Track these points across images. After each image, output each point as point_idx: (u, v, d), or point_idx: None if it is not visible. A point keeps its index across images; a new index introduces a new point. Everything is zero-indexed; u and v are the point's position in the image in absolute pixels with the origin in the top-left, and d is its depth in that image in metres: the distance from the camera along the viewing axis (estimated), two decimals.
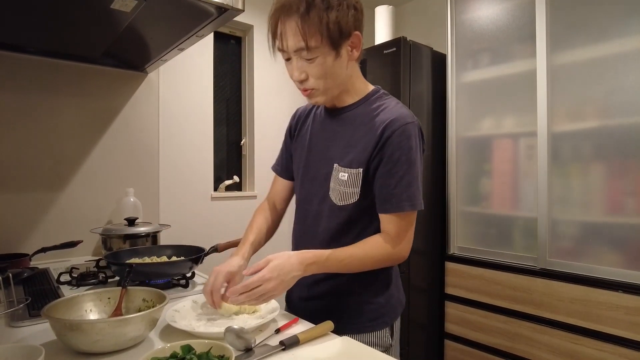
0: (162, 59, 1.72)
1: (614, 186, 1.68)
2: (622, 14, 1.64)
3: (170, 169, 2.11)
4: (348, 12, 0.88)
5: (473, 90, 2.16)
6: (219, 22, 1.28)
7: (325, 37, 0.87)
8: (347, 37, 0.91)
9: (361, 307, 1.01)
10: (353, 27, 0.91)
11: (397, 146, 0.92)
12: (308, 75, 0.93)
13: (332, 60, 0.91)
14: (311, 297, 1.07)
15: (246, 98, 2.57)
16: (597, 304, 1.68)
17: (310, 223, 1.07)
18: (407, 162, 0.93)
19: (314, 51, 0.88)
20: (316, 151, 1.06)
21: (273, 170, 1.24)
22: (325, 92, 0.96)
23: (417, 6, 3.01)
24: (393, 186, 0.93)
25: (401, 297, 1.09)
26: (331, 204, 1.00)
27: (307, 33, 0.86)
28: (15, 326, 0.93)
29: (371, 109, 0.99)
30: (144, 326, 0.80)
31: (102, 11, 1.17)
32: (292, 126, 1.18)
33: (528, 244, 1.93)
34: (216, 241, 1.46)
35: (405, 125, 0.94)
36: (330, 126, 1.05)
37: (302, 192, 1.11)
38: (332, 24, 0.86)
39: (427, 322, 2.34)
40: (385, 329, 1.02)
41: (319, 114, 1.10)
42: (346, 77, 0.97)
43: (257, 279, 0.84)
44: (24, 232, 1.65)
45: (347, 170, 0.97)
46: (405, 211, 0.94)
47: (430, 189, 2.33)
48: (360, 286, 1.02)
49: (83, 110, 1.79)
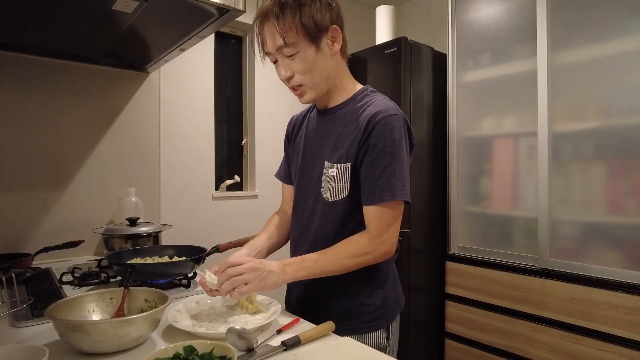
0: (164, 59, 1.72)
1: (614, 186, 1.68)
2: (622, 14, 1.64)
3: (172, 168, 2.12)
4: (322, 7, 0.94)
5: (474, 89, 2.17)
6: (220, 22, 1.29)
7: (300, 32, 0.93)
8: (325, 31, 0.96)
9: (357, 309, 1.02)
10: (329, 22, 0.96)
11: (380, 137, 0.94)
12: (293, 72, 0.98)
13: (314, 54, 0.95)
14: (308, 299, 1.08)
15: (247, 97, 2.57)
16: (597, 303, 1.68)
17: (305, 223, 1.09)
18: (390, 152, 0.94)
19: (293, 46, 0.94)
20: (310, 152, 1.09)
21: (277, 178, 1.27)
22: (313, 87, 0.99)
23: (418, 6, 3.01)
24: (376, 177, 0.94)
25: (399, 298, 1.09)
26: (323, 202, 1.02)
27: (283, 30, 0.93)
28: (19, 326, 0.94)
29: (359, 105, 1.02)
30: (147, 327, 0.80)
31: (104, 12, 1.17)
32: (289, 133, 1.22)
33: (528, 243, 1.94)
34: (217, 241, 1.47)
35: (389, 117, 0.95)
36: (322, 126, 1.08)
37: (298, 193, 1.13)
38: (305, 19, 0.92)
39: (428, 321, 2.35)
40: (380, 331, 1.02)
41: (312, 117, 1.13)
42: (332, 71, 1.01)
43: (238, 270, 0.88)
44: (26, 232, 1.66)
45: (336, 166, 1.00)
46: (385, 201, 0.93)
47: (430, 189, 2.33)
48: (355, 288, 1.02)
49: (84, 110, 1.79)
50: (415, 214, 2.23)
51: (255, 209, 2.42)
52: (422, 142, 2.29)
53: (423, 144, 2.30)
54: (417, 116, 2.26)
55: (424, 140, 2.31)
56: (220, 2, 1.16)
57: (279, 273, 0.91)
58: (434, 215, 2.36)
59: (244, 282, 0.88)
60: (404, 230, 2.16)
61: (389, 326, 1.04)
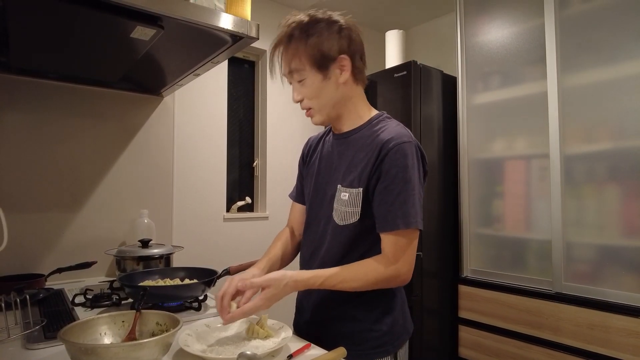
0: (178, 84, 1.76)
1: (629, 208, 1.66)
2: (632, 36, 1.65)
3: (184, 190, 2.14)
4: (330, 37, 0.98)
5: (484, 112, 2.17)
6: (234, 49, 1.32)
7: (306, 60, 0.98)
8: (333, 60, 0.99)
9: (364, 334, 1.02)
10: (338, 51, 0.99)
11: (393, 163, 0.95)
12: (303, 96, 1.03)
13: (320, 81, 1.00)
14: (315, 322, 1.08)
15: (259, 120, 2.61)
16: (616, 330, 1.64)
17: (315, 245, 1.10)
18: (403, 179, 0.95)
19: (300, 73, 1.00)
20: (323, 174, 1.11)
21: (290, 197, 1.29)
22: (320, 111, 1.04)
23: (427, 30, 3.06)
24: (390, 203, 0.95)
25: (407, 324, 1.08)
26: (334, 224, 1.04)
27: (290, 57, 1.00)
28: (31, 348, 0.94)
29: (372, 131, 1.04)
30: (158, 350, 0.80)
31: (122, 40, 1.21)
32: (305, 154, 1.24)
33: (542, 267, 1.90)
34: (228, 262, 1.47)
35: (402, 144, 0.96)
36: (336, 150, 1.10)
37: (310, 215, 1.14)
38: (311, 49, 0.97)
39: (441, 346, 2.30)
40: (387, 358, 1.01)
41: (328, 140, 1.15)
42: (341, 98, 1.04)
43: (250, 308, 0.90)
44: (40, 253, 1.68)
45: (348, 190, 1.01)
46: (399, 229, 0.94)
47: (442, 211, 2.31)
48: (363, 312, 1.02)
49: (99, 133, 1.83)
50: (427, 237, 2.21)
51: (266, 231, 2.42)
52: (433, 164, 2.29)
53: (434, 166, 2.30)
54: (427, 138, 2.26)
55: (435, 162, 2.30)
56: (234, 29, 1.19)
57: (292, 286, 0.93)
58: (446, 237, 2.33)
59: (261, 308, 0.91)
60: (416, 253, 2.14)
61: (396, 353, 1.03)
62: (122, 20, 1.07)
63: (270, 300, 0.91)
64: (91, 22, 1.10)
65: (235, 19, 1.20)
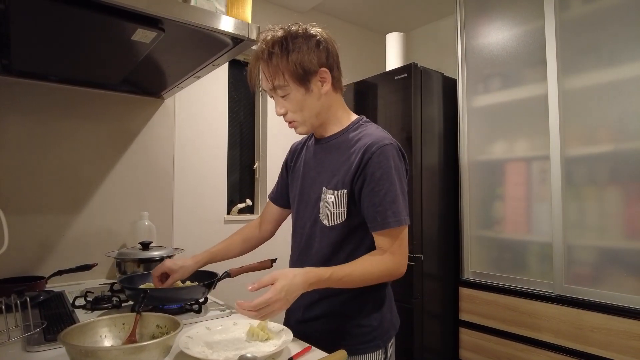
0: (179, 86, 1.76)
1: (631, 210, 1.65)
2: (632, 38, 1.65)
3: (185, 192, 2.14)
4: (309, 52, 1.00)
5: (484, 114, 2.17)
6: (235, 52, 1.32)
7: (288, 76, 1.00)
8: (314, 74, 1.02)
9: (354, 330, 1.05)
10: (317, 65, 1.02)
11: (377, 166, 0.99)
12: (286, 110, 1.06)
13: (303, 95, 1.03)
14: (306, 320, 1.11)
15: (259, 122, 2.61)
16: (618, 333, 1.63)
17: (304, 246, 1.14)
18: (387, 180, 0.99)
19: (283, 89, 1.02)
20: (308, 178, 1.15)
21: (269, 198, 1.36)
22: (304, 122, 1.08)
23: (427, 33, 3.06)
24: (377, 204, 0.99)
25: (394, 319, 1.13)
26: (322, 226, 1.07)
27: (272, 74, 1.01)
28: (31, 351, 0.94)
29: (353, 135, 1.08)
30: (158, 353, 0.80)
31: (123, 42, 1.22)
32: (288, 160, 1.29)
33: (543, 269, 1.90)
34: (229, 265, 1.46)
35: (384, 147, 1.01)
36: (319, 154, 1.14)
37: (297, 218, 1.18)
38: (292, 65, 0.99)
39: (442, 348, 2.29)
40: (378, 351, 1.06)
41: (311, 145, 1.19)
42: (323, 108, 1.07)
43: (264, 301, 0.86)
44: (40, 255, 1.68)
45: (333, 192, 1.05)
46: (391, 227, 0.98)
47: (443, 213, 2.31)
48: (352, 309, 1.06)
49: (100, 135, 1.83)
50: (428, 239, 2.21)
51: None
52: (433, 166, 2.29)
53: (434, 168, 2.29)
54: (427, 141, 2.26)
55: (435, 164, 2.30)
56: (234, 32, 1.20)
57: (302, 292, 0.92)
58: (447, 240, 2.33)
59: (276, 312, 0.90)
60: (417, 255, 2.14)
61: (386, 347, 1.08)
62: (123, 23, 1.08)
63: (281, 292, 0.87)
64: (92, 24, 1.10)
65: (236, 21, 1.20)
